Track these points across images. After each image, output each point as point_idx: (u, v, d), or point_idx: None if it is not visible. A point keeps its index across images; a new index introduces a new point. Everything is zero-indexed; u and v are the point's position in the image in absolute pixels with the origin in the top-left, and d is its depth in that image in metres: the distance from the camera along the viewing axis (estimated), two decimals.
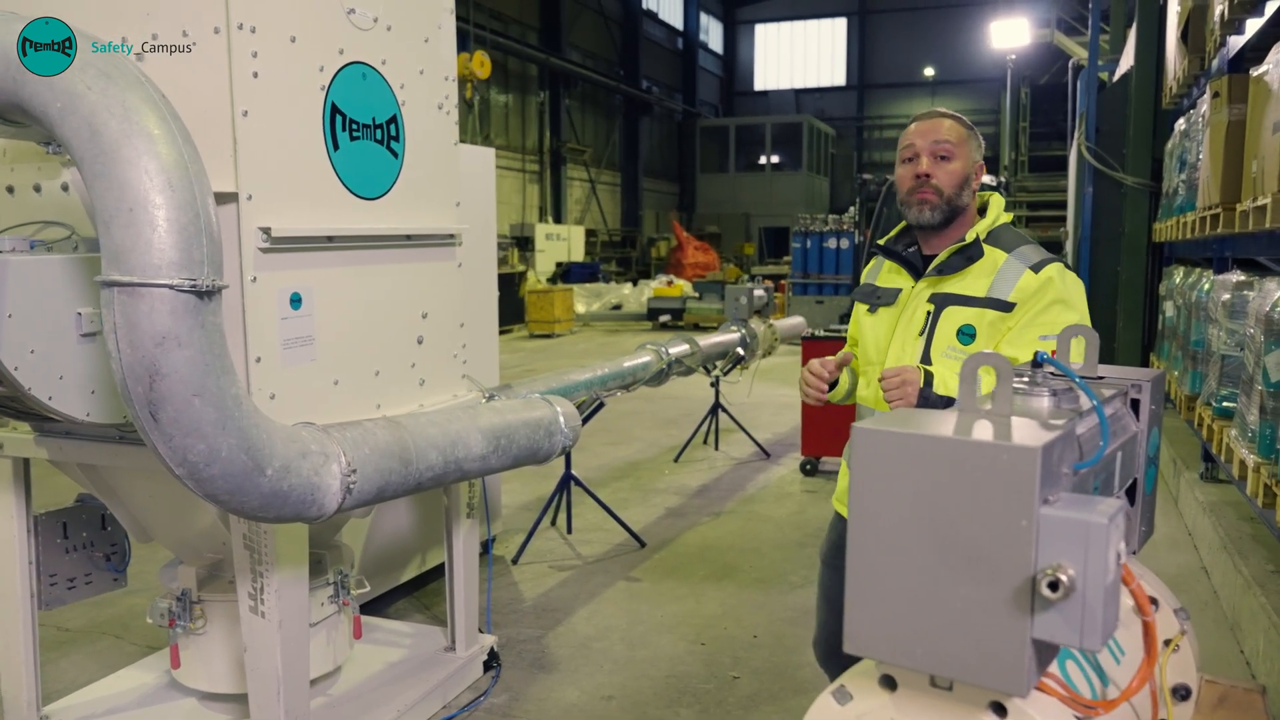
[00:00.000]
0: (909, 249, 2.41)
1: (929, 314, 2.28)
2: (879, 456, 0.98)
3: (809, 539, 5.34)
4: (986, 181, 13.83)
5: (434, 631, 3.86)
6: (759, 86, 39.20)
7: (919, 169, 2.28)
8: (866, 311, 2.46)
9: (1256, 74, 4.41)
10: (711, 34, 38.40)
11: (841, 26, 37.76)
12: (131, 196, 1.96)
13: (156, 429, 2.03)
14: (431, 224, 3.28)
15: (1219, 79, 4.98)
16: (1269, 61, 4.14)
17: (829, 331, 7.11)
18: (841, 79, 37.91)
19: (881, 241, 2.47)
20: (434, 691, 3.43)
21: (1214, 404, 4.65)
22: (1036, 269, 2.21)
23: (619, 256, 29.38)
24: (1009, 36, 22.27)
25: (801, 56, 38.55)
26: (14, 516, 2.98)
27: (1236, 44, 5.35)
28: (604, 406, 4.85)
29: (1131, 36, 8.76)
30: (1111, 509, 0.90)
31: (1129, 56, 8.82)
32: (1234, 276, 4.63)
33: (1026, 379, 1.20)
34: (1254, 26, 5.19)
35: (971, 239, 2.27)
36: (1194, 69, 6.19)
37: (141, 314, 1.97)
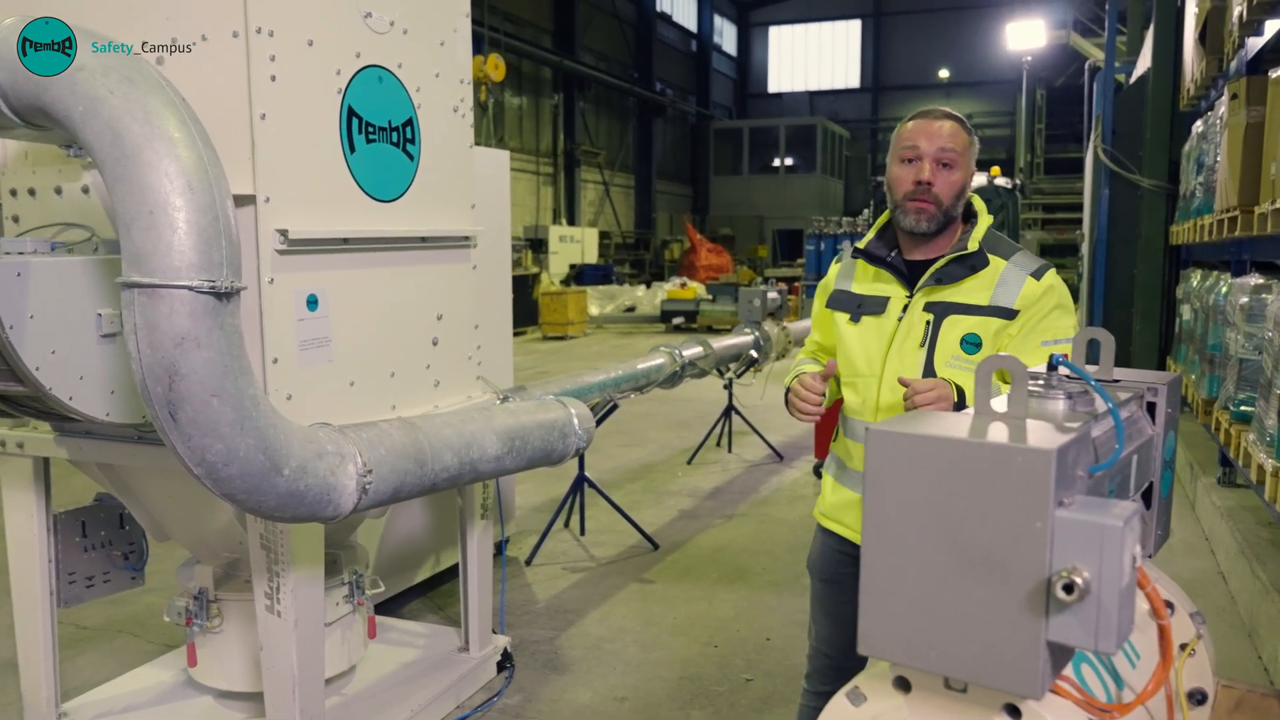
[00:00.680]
0: (892, 254, 2.32)
1: (928, 324, 2.21)
2: (894, 458, 0.98)
3: None
4: (1001, 184, 13.62)
5: (448, 632, 3.88)
6: (773, 89, 39.17)
7: (921, 175, 2.18)
8: (848, 321, 2.35)
9: (1275, 76, 4.38)
10: (725, 36, 38.39)
11: (856, 28, 37.70)
12: (152, 199, 1.99)
13: (175, 429, 2.05)
14: (447, 226, 3.30)
15: (1237, 81, 4.95)
16: None
17: None
18: (856, 81, 37.85)
19: (861, 245, 2.36)
20: (448, 692, 3.45)
21: (1232, 408, 4.61)
22: (1037, 276, 2.20)
23: (632, 259, 29.40)
24: (1025, 38, 22.21)
25: (816, 58, 38.50)
26: (34, 515, 3.01)
27: (1255, 45, 5.31)
28: (617, 408, 4.86)
29: (1149, 38, 8.71)
30: (1127, 512, 0.90)
31: (1146, 58, 8.77)
32: (1252, 280, 4.60)
33: (1042, 382, 1.20)
34: (1273, 28, 5.16)
35: (975, 248, 2.21)
36: (1212, 71, 6.15)
37: (161, 315, 1.99)
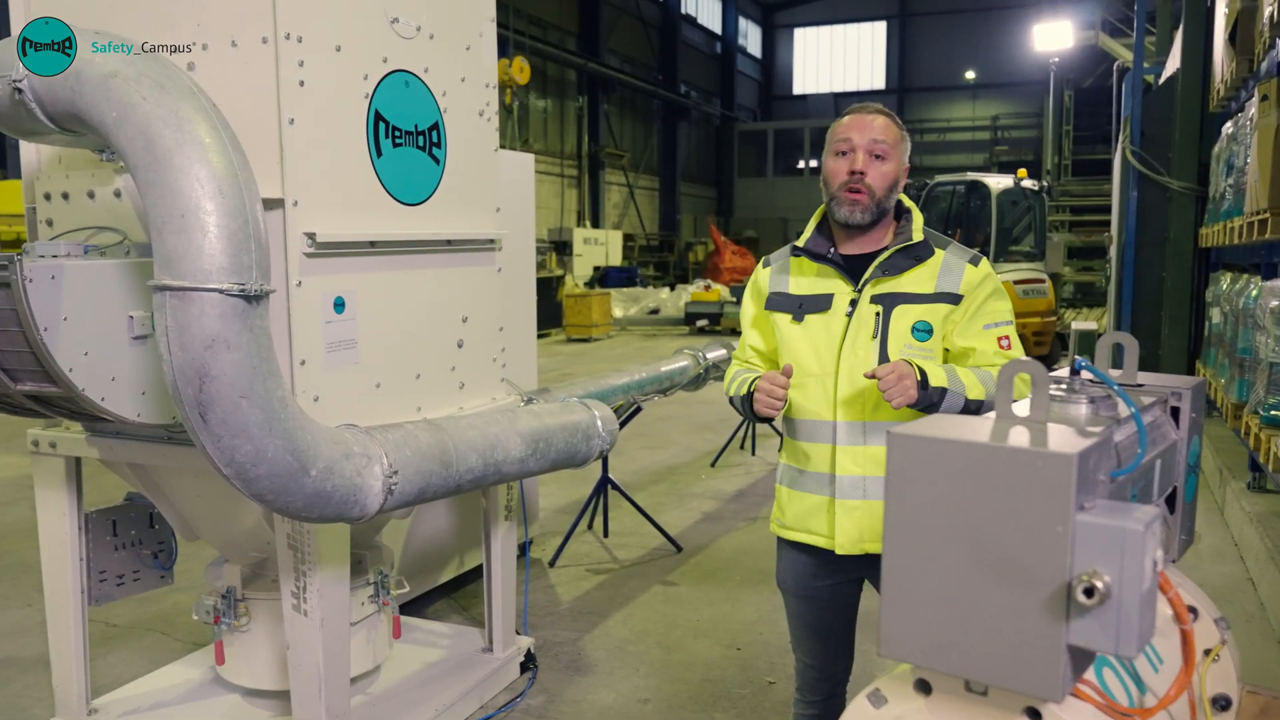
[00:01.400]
0: (830, 250, 2.35)
1: (878, 315, 2.26)
2: (915, 461, 0.98)
3: None
4: (1028, 186, 13.45)
5: (472, 632, 3.90)
6: (797, 90, 39.06)
7: (854, 165, 2.23)
8: (791, 321, 2.36)
9: None
10: (750, 38, 38.34)
11: (881, 30, 37.54)
12: (183, 203, 2.02)
13: (205, 429, 2.09)
14: (472, 229, 3.32)
15: (1268, 81, 4.88)
16: None
17: None
18: (881, 83, 37.67)
19: (800, 242, 2.38)
20: (471, 692, 3.47)
21: (1262, 412, 4.56)
22: (974, 263, 2.30)
23: (656, 261, 29.42)
24: (1052, 39, 21.97)
25: (841, 60, 38.36)
26: (66, 514, 3.06)
27: None
28: (641, 411, 4.87)
29: (1178, 39, 8.61)
30: (1148, 516, 0.90)
31: (1175, 59, 8.67)
32: None
33: (1064, 386, 1.20)
34: None
35: (919, 239, 2.29)
36: (1242, 71, 6.08)
37: (192, 317, 2.02)
